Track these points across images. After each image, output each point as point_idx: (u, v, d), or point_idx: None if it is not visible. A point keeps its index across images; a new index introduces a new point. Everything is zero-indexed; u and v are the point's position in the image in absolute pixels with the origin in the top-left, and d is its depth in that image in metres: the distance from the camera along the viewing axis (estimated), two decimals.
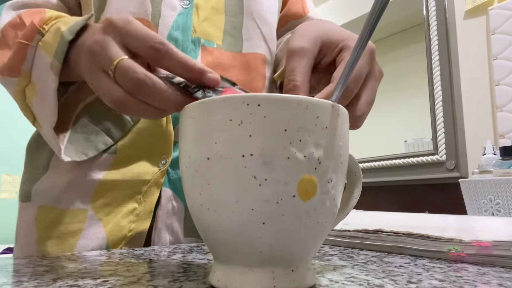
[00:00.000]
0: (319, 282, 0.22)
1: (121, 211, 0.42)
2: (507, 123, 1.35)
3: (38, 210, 0.43)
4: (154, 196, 0.43)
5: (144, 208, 0.42)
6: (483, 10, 1.45)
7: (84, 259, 0.31)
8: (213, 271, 0.21)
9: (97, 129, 0.43)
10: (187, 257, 0.31)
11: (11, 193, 2.84)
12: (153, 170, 0.43)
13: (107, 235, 0.41)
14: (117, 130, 0.43)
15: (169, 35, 0.46)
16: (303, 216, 0.19)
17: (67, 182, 0.42)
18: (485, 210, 1.06)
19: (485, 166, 1.18)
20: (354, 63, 0.20)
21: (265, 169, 0.18)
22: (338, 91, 0.21)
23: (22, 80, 0.37)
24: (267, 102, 0.18)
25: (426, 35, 1.60)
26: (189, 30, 0.47)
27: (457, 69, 1.51)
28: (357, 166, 0.25)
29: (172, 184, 0.44)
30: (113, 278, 0.23)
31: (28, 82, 0.37)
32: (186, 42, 0.47)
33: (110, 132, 0.43)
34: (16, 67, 0.36)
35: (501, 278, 0.23)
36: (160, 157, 0.44)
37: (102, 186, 0.42)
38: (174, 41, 0.46)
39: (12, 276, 0.24)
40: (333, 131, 0.19)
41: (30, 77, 0.36)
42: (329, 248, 0.36)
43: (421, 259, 0.30)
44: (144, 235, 0.42)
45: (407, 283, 0.22)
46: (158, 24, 0.46)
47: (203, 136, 0.19)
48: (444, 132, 1.50)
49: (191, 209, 0.21)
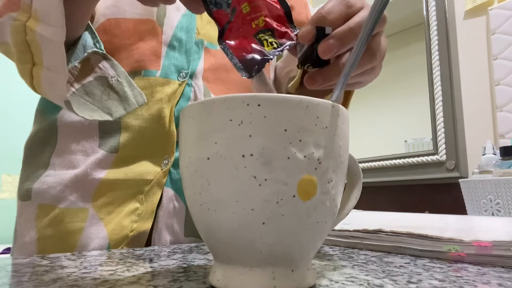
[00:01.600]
0: (319, 282, 0.22)
1: (122, 211, 0.41)
2: (507, 123, 1.35)
3: (38, 209, 0.43)
4: (156, 196, 0.43)
5: (146, 208, 0.42)
6: (483, 10, 1.45)
7: (84, 259, 0.31)
8: (213, 271, 0.21)
9: None
10: (187, 257, 0.31)
11: (11, 193, 2.84)
12: (155, 170, 0.43)
13: (109, 234, 0.40)
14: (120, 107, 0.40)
15: (174, 35, 0.46)
16: (303, 216, 0.19)
17: (68, 180, 0.42)
18: (485, 210, 1.06)
19: (485, 166, 1.17)
20: (354, 63, 0.20)
21: (265, 169, 0.18)
22: (338, 91, 0.21)
23: (22, 13, 0.33)
24: (267, 102, 0.18)
25: (426, 35, 1.60)
26: (193, 32, 0.47)
27: (457, 69, 1.51)
28: (357, 166, 0.25)
29: (174, 184, 0.44)
30: (113, 278, 0.23)
31: (29, 16, 0.33)
32: (190, 43, 0.47)
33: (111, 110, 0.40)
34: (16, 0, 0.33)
35: (501, 278, 0.23)
36: (163, 157, 0.44)
37: (103, 185, 0.42)
38: (179, 41, 0.46)
39: (12, 276, 0.24)
40: (333, 131, 0.19)
41: (31, 10, 0.33)
42: (329, 248, 0.36)
43: (421, 259, 0.30)
44: (146, 235, 0.42)
45: (407, 283, 0.22)
46: (163, 23, 0.46)
47: (203, 136, 0.19)
48: (444, 132, 1.50)
49: (191, 209, 0.21)
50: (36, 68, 0.35)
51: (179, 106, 0.45)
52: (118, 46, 0.45)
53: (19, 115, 2.80)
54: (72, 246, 0.40)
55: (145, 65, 0.45)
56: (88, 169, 0.42)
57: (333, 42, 0.28)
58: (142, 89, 0.44)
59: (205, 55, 0.48)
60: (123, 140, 0.43)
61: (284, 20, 0.30)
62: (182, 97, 0.46)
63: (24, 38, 0.34)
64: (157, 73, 0.45)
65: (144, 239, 0.42)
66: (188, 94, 0.46)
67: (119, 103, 0.39)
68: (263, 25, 0.29)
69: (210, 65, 0.48)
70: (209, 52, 0.49)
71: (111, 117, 0.38)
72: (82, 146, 0.43)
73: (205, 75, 0.48)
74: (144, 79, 0.44)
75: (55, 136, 0.45)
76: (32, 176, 0.45)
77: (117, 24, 0.45)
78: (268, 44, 0.29)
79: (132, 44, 0.45)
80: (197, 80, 0.47)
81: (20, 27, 0.33)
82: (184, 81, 0.46)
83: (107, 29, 0.45)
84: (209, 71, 0.48)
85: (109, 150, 0.43)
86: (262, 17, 0.29)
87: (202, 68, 0.48)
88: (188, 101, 0.46)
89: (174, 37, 0.46)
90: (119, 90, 0.40)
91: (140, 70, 0.45)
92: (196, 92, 0.47)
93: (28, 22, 0.33)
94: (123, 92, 0.40)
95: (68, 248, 0.40)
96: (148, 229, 0.42)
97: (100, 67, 0.39)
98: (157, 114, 0.44)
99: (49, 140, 0.45)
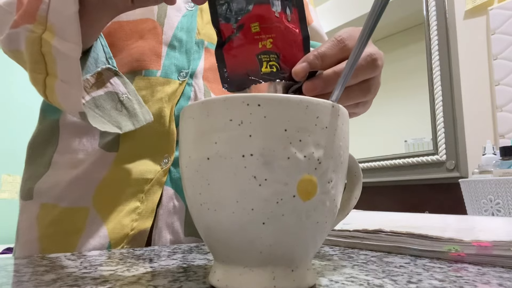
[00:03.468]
0: (319, 282, 0.22)
1: (123, 210, 0.42)
2: (507, 123, 1.35)
3: (40, 208, 0.43)
4: (157, 194, 0.43)
5: (147, 207, 0.42)
6: (483, 10, 1.45)
7: (84, 259, 0.31)
8: (213, 271, 0.21)
9: None
10: (187, 257, 0.31)
11: (11, 193, 2.84)
12: (156, 169, 0.43)
13: (109, 233, 0.41)
14: None
15: (174, 35, 0.46)
16: (303, 216, 0.19)
17: (69, 180, 0.42)
18: (485, 210, 1.06)
19: (485, 166, 1.18)
20: (354, 63, 0.20)
21: (265, 169, 0.18)
22: (338, 91, 0.21)
23: (38, 25, 0.34)
24: (267, 102, 0.18)
25: (426, 35, 1.60)
26: (194, 32, 0.48)
27: (457, 69, 1.51)
28: (357, 166, 0.25)
29: (174, 183, 0.45)
30: (113, 278, 0.23)
31: (44, 29, 0.34)
32: (190, 43, 0.47)
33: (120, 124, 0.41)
34: (32, 12, 0.34)
35: (501, 278, 0.23)
36: (163, 156, 0.44)
37: (104, 184, 0.42)
38: (179, 41, 0.47)
39: (12, 276, 0.24)
40: (333, 131, 0.19)
41: (46, 23, 0.34)
42: (329, 248, 0.36)
43: (421, 259, 0.30)
44: (147, 233, 0.42)
45: (407, 283, 0.22)
46: (164, 24, 0.46)
47: (203, 136, 0.19)
48: (444, 132, 1.50)
49: (191, 209, 0.21)
50: (50, 79, 0.36)
51: (179, 106, 0.45)
52: (120, 47, 0.45)
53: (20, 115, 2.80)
54: (73, 245, 0.40)
55: (145, 65, 0.45)
56: (89, 168, 0.42)
57: (318, 83, 0.30)
58: (143, 88, 0.44)
59: (206, 54, 0.49)
60: (123, 140, 0.43)
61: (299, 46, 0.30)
62: (182, 97, 0.46)
63: (39, 49, 0.35)
64: (158, 72, 0.45)
65: (145, 237, 0.42)
66: (188, 93, 0.46)
67: (128, 118, 0.41)
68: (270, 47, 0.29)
69: (211, 64, 0.49)
70: (209, 52, 0.49)
71: (120, 131, 0.40)
72: (83, 146, 0.44)
73: (205, 75, 0.48)
74: (144, 79, 0.44)
75: (57, 136, 0.45)
76: (34, 176, 0.45)
77: (120, 27, 0.46)
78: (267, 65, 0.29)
79: (132, 44, 0.45)
80: (197, 80, 0.47)
81: (36, 39, 0.34)
82: (185, 81, 0.46)
83: (111, 32, 0.45)
84: (210, 70, 0.48)
85: (109, 150, 0.43)
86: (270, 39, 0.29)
87: (202, 67, 0.48)
88: (189, 101, 0.46)
89: (175, 37, 0.46)
90: (129, 107, 0.41)
91: (140, 70, 0.45)
92: (197, 91, 0.47)
93: (44, 34, 0.34)
94: (133, 109, 0.42)
95: (69, 246, 0.40)
96: (148, 228, 0.42)
97: (112, 83, 0.41)
98: (157, 113, 0.44)
99: (51, 140, 0.46)
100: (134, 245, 0.41)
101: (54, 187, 0.43)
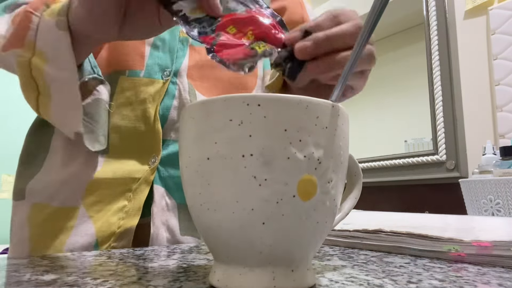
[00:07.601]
0: (319, 282, 0.22)
1: (111, 209, 0.42)
2: (507, 123, 1.35)
3: (31, 208, 0.44)
4: (144, 193, 0.43)
5: (133, 205, 0.43)
6: (483, 10, 1.45)
7: (84, 259, 0.31)
8: (213, 271, 0.21)
9: None
10: (187, 257, 0.31)
11: (11, 193, 2.84)
12: (143, 168, 0.44)
13: (96, 231, 0.41)
14: None
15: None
16: (303, 216, 0.19)
17: (61, 180, 0.43)
18: (485, 210, 1.06)
19: (485, 166, 1.18)
20: (354, 63, 0.20)
21: (265, 169, 0.18)
22: (338, 90, 0.21)
23: (26, 51, 0.35)
24: (267, 102, 0.18)
25: (426, 35, 1.60)
26: (177, 30, 0.48)
27: (457, 69, 1.51)
28: (357, 166, 0.25)
29: (164, 181, 0.45)
30: (113, 278, 0.23)
31: (33, 54, 0.35)
32: (174, 41, 0.48)
33: None
34: (20, 37, 0.35)
35: (501, 278, 0.23)
36: (150, 155, 0.45)
37: (93, 184, 0.43)
38: (162, 41, 0.47)
39: (12, 276, 0.24)
40: (333, 131, 0.19)
41: (35, 48, 0.35)
42: (329, 248, 0.36)
43: (421, 259, 0.30)
44: (133, 231, 0.42)
45: (407, 283, 0.22)
46: None
47: (203, 136, 0.19)
48: (444, 132, 1.50)
49: (191, 209, 0.21)
50: (43, 98, 0.37)
51: (163, 105, 0.46)
52: (104, 47, 0.46)
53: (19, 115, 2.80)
54: (61, 244, 0.41)
55: (129, 65, 0.45)
56: (80, 169, 0.43)
57: (309, 44, 0.30)
58: (127, 90, 0.45)
59: (190, 52, 0.49)
60: (112, 141, 0.44)
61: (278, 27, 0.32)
62: (166, 96, 0.46)
63: (30, 73, 0.36)
64: (141, 73, 0.46)
65: (131, 235, 0.42)
66: (173, 92, 0.47)
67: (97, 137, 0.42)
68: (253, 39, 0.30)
69: (195, 62, 0.49)
70: (194, 49, 0.49)
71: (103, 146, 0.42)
72: (74, 147, 0.44)
73: (190, 73, 0.48)
74: (128, 79, 0.45)
75: (49, 138, 0.46)
76: (26, 176, 0.46)
77: None
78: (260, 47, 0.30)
79: (116, 44, 0.45)
80: (181, 78, 0.47)
81: (25, 63, 0.36)
82: (168, 80, 0.46)
83: None
84: (194, 68, 0.49)
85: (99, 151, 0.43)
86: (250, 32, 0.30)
87: (186, 65, 0.48)
88: (173, 99, 0.46)
89: (158, 37, 0.47)
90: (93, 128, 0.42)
91: (124, 70, 0.45)
92: (181, 90, 0.47)
93: (33, 59, 0.35)
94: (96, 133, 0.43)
95: (57, 245, 0.41)
96: (134, 225, 0.42)
97: (97, 89, 0.42)
98: (142, 114, 0.45)
99: (43, 141, 0.46)
100: (121, 242, 0.42)
101: (45, 187, 0.43)
